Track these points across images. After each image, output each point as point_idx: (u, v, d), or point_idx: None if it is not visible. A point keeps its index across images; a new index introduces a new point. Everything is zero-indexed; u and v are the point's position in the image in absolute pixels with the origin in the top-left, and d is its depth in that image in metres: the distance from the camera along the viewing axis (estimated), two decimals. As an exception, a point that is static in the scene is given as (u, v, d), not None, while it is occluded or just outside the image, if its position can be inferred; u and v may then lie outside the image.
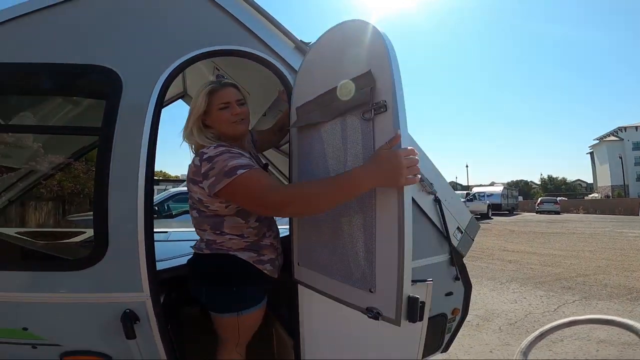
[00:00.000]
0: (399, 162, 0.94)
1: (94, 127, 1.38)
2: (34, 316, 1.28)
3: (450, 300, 1.89)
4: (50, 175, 3.27)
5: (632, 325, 2.14)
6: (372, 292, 1.05)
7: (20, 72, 1.44)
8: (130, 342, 1.27)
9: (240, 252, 1.37)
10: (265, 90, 2.41)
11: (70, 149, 3.09)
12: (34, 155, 2.70)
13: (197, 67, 2.60)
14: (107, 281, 1.28)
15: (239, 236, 1.37)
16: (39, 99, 1.91)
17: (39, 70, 1.43)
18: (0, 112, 1.85)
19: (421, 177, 1.69)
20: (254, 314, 1.42)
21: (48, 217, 11.09)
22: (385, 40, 0.99)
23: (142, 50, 1.43)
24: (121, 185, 1.27)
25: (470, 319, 3.76)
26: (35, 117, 2.01)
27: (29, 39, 1.42)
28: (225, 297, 1.37)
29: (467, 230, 1.91)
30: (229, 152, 1.22)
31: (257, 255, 1.40)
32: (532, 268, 6.33)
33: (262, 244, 1.44)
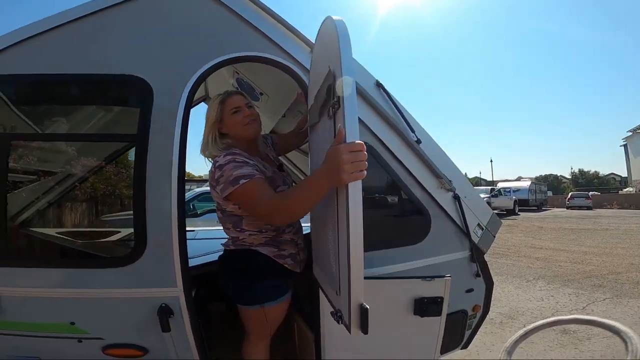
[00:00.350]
0: (339, 158, 0.91)
1: (130, 134, 1.48)
2: (80, 311, 1.38)
3: (470, 296, 1.89)
4: (85, 178, 3.47)
5: (614, 326, 2.10)
6: (337, 294, 1.04)
7: (58, 82, 1.56)
8: (165, 335, 1.35)
9: (260, 247, 1.45)
10: (284, 92, 2.47)
11: (102, 154, 3.27)
12: (70, 160, 2.88)
13: (218, 72, 2.69)
14: (145, 277, 1.37)
15: (258, 232, 1.45)
16: (75, 108, 2.05)
17: (76, 80, 1.54)
18: (40, 121, 2.00)
19: (439, 173, 1.70)
20: (278, 307, 1.48)
21: (83, 217, 11.66)
22: (339, 37, 0.96)
23: (169, 59, 1.52)
24: (157, 186, 1.37)
25: (494, 316, 3.71)
26: (71, 125, 2.16)
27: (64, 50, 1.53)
28: (249, 290, 1.45)
29: (488, 227, 1.91)
30: (234, 162, 1.32)
31: (277, 250, 1.47)
32: (560, 265, 6.13)
33: (282, 239, 1.50)
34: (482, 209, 1.88)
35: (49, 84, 1.59)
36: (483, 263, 1.90)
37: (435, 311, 1.44)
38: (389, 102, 1.72)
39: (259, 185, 1.28)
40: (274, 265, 1.46)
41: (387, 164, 1.66)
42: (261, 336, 1.56)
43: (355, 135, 0.91)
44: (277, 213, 1.20)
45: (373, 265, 1.58)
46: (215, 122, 1.47)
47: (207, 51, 1.53)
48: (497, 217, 1.96)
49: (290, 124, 2.72)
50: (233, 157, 1.34)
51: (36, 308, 1.39)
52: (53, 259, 1.61)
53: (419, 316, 1.46)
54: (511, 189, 22.49)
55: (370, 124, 1.64)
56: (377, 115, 1.65)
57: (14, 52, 1.49)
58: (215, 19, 1.59)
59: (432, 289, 1.43)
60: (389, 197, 1.79)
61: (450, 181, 1.73)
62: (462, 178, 1.83)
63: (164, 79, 1.47)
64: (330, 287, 1.12)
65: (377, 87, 1.74)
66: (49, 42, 1.51)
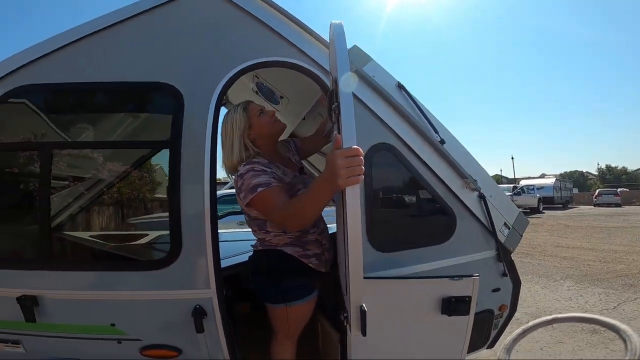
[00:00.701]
0: (335, 163, 0.93)
1: (163, 140, 1.54)
2: (120, 313, 1.42)
3: (497, 296, 1.87)
4: (113, 183, 3.61)
5: (614, 324, 2.03)
6: (344, 295, 1.07)
7: (91, 91, 1.63)
8: (199, 336, 1.38)
9: (286, 247, 1.50)
10: (304, 95, 2.50)
11: (130, 159, 3.40)
12: (103, 166, 3.01)
13: (238, 78, 2.76)
14: (181, 279, 1.41)
15: (282, 233, 1.49)
16: (107, 116, 2.13)
17: (109, 89, 1.61)
18: (74, 129, 2.10)
19: (464, 173, 1.70)
20: (303, 306, 1.52)
21: (110, 220, 12.01)
22: (337, 42, 0.97)
23: (197, 66, 1.57)
24: (190, 190, 1.41)
25: (520, 316, 3.63)
26: (103, 132, 2.26)
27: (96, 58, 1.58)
28: (275, 289, 1.50)
29: (515, 226, 1.89)
30: (253, 170, 1.38)
31: (302, 250, 1.52)
32: (589, 265, 5.93)
33: (307, 239, 1.54)
34: (508, 208, 1.87)
35: (81, 93, 1.65)
36: (510, 262, 1.88)
37: (463, 310, 1.44)
38: (411, 104, 1.73)
39: (275, 193, 1.32)
40: (299, 264, 1.50)
41: (410, 164, 1.66)
42: (287, 335, 1.59)
43: (352, 140, 0.91)
44: (289, 219, 1.27)
45: (399, 265, 1.59)
46: (245, 128, 1.51)
47: (233, 57, 1.57)
48: (524, 216, 1.94)
49: (311, 126, 2.75)
50: (252, 166, 1.40)
51: (78, 310, 1.44)
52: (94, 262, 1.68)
53: (447, 315, 1.45)
54: (535, 187, 21.86)
55: (393, 125, 1.65)
56: (399, 117, 1.66)
57: (48, 61, 1.55)
58: (240, 26, 1.64)
59: (460, 288, 1.43)
60: (413, 198, 1.80)
61: (475, 180, 1.72)
62: (487, 177, 1.82)
63: (193, 85, 1.52)
64: (342, 287, 1.14)
65: (398, 88, 1.76)
66: (81, 50, 1.57)
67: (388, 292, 1.48)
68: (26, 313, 1.36)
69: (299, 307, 1.50)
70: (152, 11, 1.59)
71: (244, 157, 1.49)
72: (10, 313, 1.39)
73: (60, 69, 1.56)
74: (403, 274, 1.57)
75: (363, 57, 1.71)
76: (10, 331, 1.42)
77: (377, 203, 1.66)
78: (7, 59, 1.55)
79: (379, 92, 1.65)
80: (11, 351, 1.43)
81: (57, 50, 1.55)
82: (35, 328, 1.40)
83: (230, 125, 1.51)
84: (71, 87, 1.59)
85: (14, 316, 1.39)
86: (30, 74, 1.54)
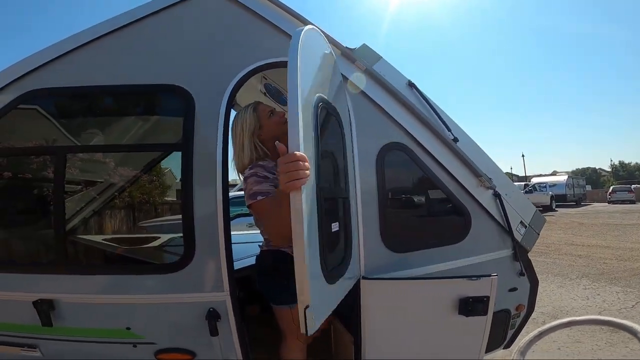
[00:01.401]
0: (279, 170, 0.95)
1: (175, 142, 1.54)
2: (135, 316, 1.41)
3: (514, 295, 1.84)
4: (124, 186, 3.64)
5: (630, 326, 1.96)
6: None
7: (100, 94, 1.63)
8: (213, 339, 1.37)
9: (287, 248, 1.48)
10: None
11: (141, 162, 3.42)
12: (112, 169, 3.04)
13: (245, 77, 2.76)
14: (195, 282, 1.41)
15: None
16: (119, 119, 2.14)
17: (120, 92, 1.61)
18: (85, 133, 2.11)
19: (478, 171, 1.66)
20: None
21: (121, 224, 12.11)
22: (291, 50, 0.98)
23: (207, 67, 1.57)
24: (203, 192, 1.41)
25: (536, 316, 3.55)
26: (114, 136, 2.28)
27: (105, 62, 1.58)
28: (279, 290, 1.50)
29: (532, 225, 1.85)
30: (256, 176, 1.40)
31: None
32: (605, 263, 5.80)
33: None
34: (524, 207, 1.83)
35: (90, 97, 1.66)
36: (527, 261, 1.85)
37: (481, 310, 1.41)
38: (423, 102, 1.70)
39: (271, 205, 1.32)
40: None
41: (423, 163, 1.64)
42: (295, 336, 1.58)
43: (295, 146, 0.91)
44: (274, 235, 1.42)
45: (413, 266, 1.56)
46: (255, 129, 1.51)
47: (243, 58, 1.57)
48: (540, 214, 1.90)
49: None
50: (255, 170, 1.42)
51: (93, 314, 1.43)
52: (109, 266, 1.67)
53: (464, 316, 1.43)
54: (547, 184, 21.49)
55: (404, 124, 1.63)
56: (411, 115, 1.64)
57: (56, 65, 1.56)
58: (249, 27, 1.63)
59: (477, 288, 1.40)
60: (427, 197, 1.77)
61: (490, 179, 1.69)
62: (503, 176, 1.78)
63: (204, 87, 1.52)
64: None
65: (409, 86, 1.73)
66: (90, 54, 1.57)
67: (404, 292, 1.47)
68: (43, 317, 1.37)
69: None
70: (159, 13, 1.59)
71: (254, 157, 1.49)
72: (26, 317, 1.40)
73: (68, 74, 1.56)
74: (418, 274, 1.55)
75: (372, 55, 1.69)
76: (26, 335, 1.42)
77: (390, 203, 1.64)
78: (16, 64, 1.55)
79: (389, 90, 1.63)
80: (28, 355, 1.43)
81: (65, 55, 1.55)
82: (52, 332, 1.40)
83: (241, 126, 1.51)
84: (79, 92, 1.60)
85: (30, 320, 1.40)
86: (40, 79, 1.54)
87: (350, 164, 1.51)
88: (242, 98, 3.33)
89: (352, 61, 1.63)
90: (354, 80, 1.62)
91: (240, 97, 3.32)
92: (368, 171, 1.57)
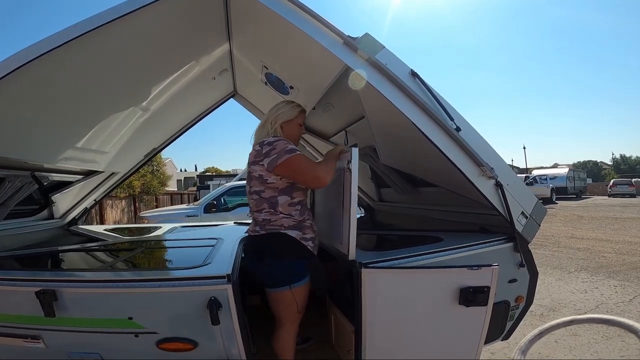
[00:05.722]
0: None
1: None
2: (137, 306, 1.39)
3: (513, 287, 1.85)
4: (127, 176, 3.65)
5: (631, 325, 1.97)
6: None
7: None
8: (215, 328, 1.37)
9: (289, 230, 1.61)
10: (314, 85, 2.46)
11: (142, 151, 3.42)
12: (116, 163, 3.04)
13: (245, 67, 2.73)
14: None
15: (289, 215, 1.62)
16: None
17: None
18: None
19: (480, 161, 1.65)
20: (304, 287, 1.62)
21: (123, 214, 12.28)
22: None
23: None
24: None
25: (534, 308, 3.58)
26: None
27: None
28: (280, 271, 1.58)
29: (533, 215, 1.85)
30: (284, 140, 1.61)
31: (302, 233, 1.64)
32: (604, 256, 5.82)
33: (304, 224, 1.66)
34: (526, 197, 1.82)
35: None
36: (527, 253, 1.85)
37: (481, 300, 1.41)
38: (426, 91, 1.68)
39: (306, 158, 1.61)
40: (300, 247, 1.61)
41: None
42: (291, 319, 1.65)
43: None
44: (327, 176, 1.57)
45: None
46: (284, 121, 1.74)
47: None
48: (542, 205, 1.89)
49: (321, 117, 2.72)
50: (281, 137, 1.63)
51: (95, 304, 1.41)
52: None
53: (464, 306, 1.43)
54: (547, 177, 21.47)
55: (407, 112, 1.61)
56: (413, 104, 1.62)
57: None
58: None
59: (478, 278, 1.40)
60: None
61: (492, 168, 1.68)
62: (505, 166, 1.77)
63: None
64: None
65: (412, 76, 1.70)
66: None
67: (405, 281, 1.47)
68: (45, 308, 1.36)
69: (301, 288, 1.60)
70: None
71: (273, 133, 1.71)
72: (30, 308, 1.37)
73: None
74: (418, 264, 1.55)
75: (375, 45, 1.66)
76: (29, 326, 1.40)
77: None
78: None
79: (392, 79, 1.61)
80: (31, 347, 1.41)
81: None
82: (54, 323, 1.38)
83: (277, 111, 1.75)
84: None
85: (33, 311, 1.37)
86: None
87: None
88: (243, 88, 3.32)
89: (354, 50, 1.61)
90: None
91: (243, 87, 3.31)
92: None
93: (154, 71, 2.30)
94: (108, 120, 2.44)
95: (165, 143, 3.53)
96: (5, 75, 1.41)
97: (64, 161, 2.54)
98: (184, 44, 2.16)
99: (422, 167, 2.27)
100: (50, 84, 1.75)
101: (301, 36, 1.61)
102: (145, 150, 3.47)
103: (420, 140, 1.65)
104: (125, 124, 2.66)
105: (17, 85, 1.56)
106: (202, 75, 2.63)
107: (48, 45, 1.43)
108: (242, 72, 2.91)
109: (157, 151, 3.60)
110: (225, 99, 3.47)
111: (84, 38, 1.47)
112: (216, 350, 1.40)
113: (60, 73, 1.71)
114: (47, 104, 1.88)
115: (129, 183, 12.29)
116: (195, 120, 3.47)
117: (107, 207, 10.91)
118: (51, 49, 1.43)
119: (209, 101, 3.38)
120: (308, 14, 1.62)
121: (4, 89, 1.49)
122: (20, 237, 2.58)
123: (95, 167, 2.93)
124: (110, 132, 2.61)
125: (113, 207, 11.81)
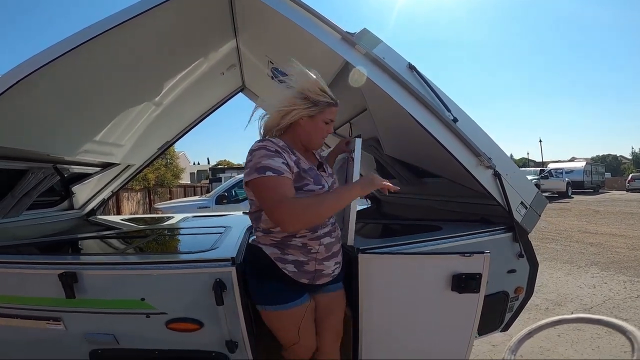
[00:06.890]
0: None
1: None
2: (149, 288, 1.47)
3: (513, 278, 1.85)
4: (142, 169, 3.78)
5: (620, 325, 1.96)
6: None
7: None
8: (219, 309, 1.43)
9: (266, 247, 1.39)
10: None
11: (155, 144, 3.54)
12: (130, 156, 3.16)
13: (252, 62, 2.80)
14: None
15: (267, 232, 1.39)
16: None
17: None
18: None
19: (477, 150, 1.68)
20: (280, 314, 1.38)
21: (138, 206, 12.58)
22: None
23: None
24: None
25: (539, 302, 3.60)
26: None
27: None
28: (252, 288, 1.44)
29: (533, 206, 1.85)
30: (266, 149, 1.28)
31: (279, 253, 1.37)
32: (617, 252, 5.72)
33: (290, 243, 1.37)
34: (525, 187, 1.83)
35: None
36: (527, 243, 1.86)
37: (474, 287, 1.45)
38: (423, 84, 1.72)
39: (283, 184, 1.24)
40: (273, 267, 1.37)
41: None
42: (282, 342, 1.49)
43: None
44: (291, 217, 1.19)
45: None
46: (308, 114, 1.38)
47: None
48: (542, 195, 1.89)
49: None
50: (265, 144, 1.30)
51: (111, 285, 1.50)
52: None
53: (457, 292, 1.47)
54: (563, 170, 20.92)
55: (405, 105, 1.65)
56: (411, 96, 1.66)
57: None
58: None
59: (470, 265, 1.44)
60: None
61: (489, 158, 1.71)
62: (504, 156, 1.79)
63: None
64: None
65: (409, 69, 1.74)
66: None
67: (399, 267, 1.51)
68: (67, 289, 1.45)
69: (275, 313, 1.39)
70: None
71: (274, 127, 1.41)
72: (52, 290, 1.47)
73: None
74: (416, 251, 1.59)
75: (373, 39, 1.70)
76: (51, 308, 1.49)
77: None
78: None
79: (389, 73, 1.65)
80: (52, 328, 1.49)
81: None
82: (74, 304, 1.47)
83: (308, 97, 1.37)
84: None
85: (56, 293, 1.47)
86: None
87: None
88: (252, 82, 3.39)
89: (352, 45, 1.66)
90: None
91: (251, 82, 3.38)
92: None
93: (166, 68, 2.40)
94: (124, 114, 2.56)
95: (178, 136, 3.65)
96: (28, 75, 1.52)
97: (83, 154, 2.68)
98: (193, 41, 2.25)
99: (423, 158, 2.31)
100: (71, 81, 1.87)
101: (301, 32, 1.67)
102: (159, 143, 3.59)
103: (420, 131, 1.68)
104: (140, 118, 2.78)
105: (42, 83, 1.68)
106: (211, 71, 2.72)
107: (66, 47, 1.54)
108: (250, 67, 2.99)
109: (170, 144, 3.73)
110: (234, 93, 3.56)
111: (100, 38, 1.58)
112: (220, 331, 1.47)
113: (79, 71, 1.82)
114: (68, 100, 2.01)
115: (144, 176, 12.62)
116: (205, 114, 3.57)
117: (123, 199, 11.26)
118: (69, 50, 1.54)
119: (219, 96, 3.48)
120: (307, 11, 1.67)
121: (30, 86, 1.60)
122: (43, 226, 2.73)
123: (112, 159, 3.07)
124: (125, 126, 2.73)
125: (129, 199, 12.18)
